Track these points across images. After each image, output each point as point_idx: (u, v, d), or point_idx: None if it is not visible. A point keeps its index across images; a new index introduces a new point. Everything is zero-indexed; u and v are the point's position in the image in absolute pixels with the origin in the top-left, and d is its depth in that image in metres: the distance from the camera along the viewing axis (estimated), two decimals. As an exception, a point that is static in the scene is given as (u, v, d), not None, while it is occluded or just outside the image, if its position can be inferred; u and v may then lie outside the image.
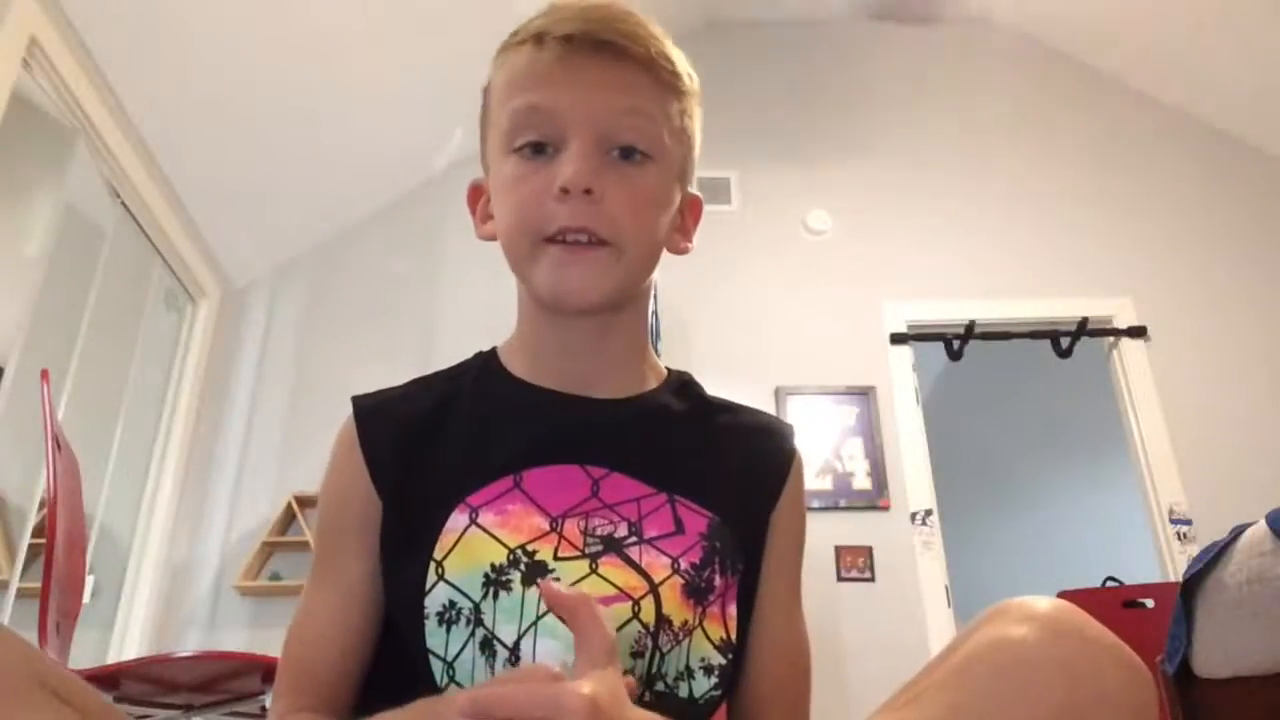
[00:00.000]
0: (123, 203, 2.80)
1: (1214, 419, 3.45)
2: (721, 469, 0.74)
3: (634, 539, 0.67)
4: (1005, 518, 5.76)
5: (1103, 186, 3.91)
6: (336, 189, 3.60)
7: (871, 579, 3.19)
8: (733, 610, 0.69)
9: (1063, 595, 2.06)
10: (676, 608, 0.65)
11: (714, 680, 0.67)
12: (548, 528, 0.66)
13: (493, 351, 0.80)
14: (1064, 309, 3.65)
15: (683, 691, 0.65)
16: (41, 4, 2.25)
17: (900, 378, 3.54)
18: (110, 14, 2.45)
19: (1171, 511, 3.29)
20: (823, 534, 3.24)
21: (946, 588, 3.20)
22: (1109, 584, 2.67)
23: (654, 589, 0.65)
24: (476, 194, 0.81)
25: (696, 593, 0.67)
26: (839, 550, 3.22)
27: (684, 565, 0.67)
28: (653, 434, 0.75)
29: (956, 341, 3.63)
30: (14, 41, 2.15)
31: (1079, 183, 3.91)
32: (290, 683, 0.70)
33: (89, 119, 2.50)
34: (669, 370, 0.82)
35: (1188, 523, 3.25)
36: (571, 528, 0.67)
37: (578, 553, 0.65)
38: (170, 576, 3.11)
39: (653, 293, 0.81)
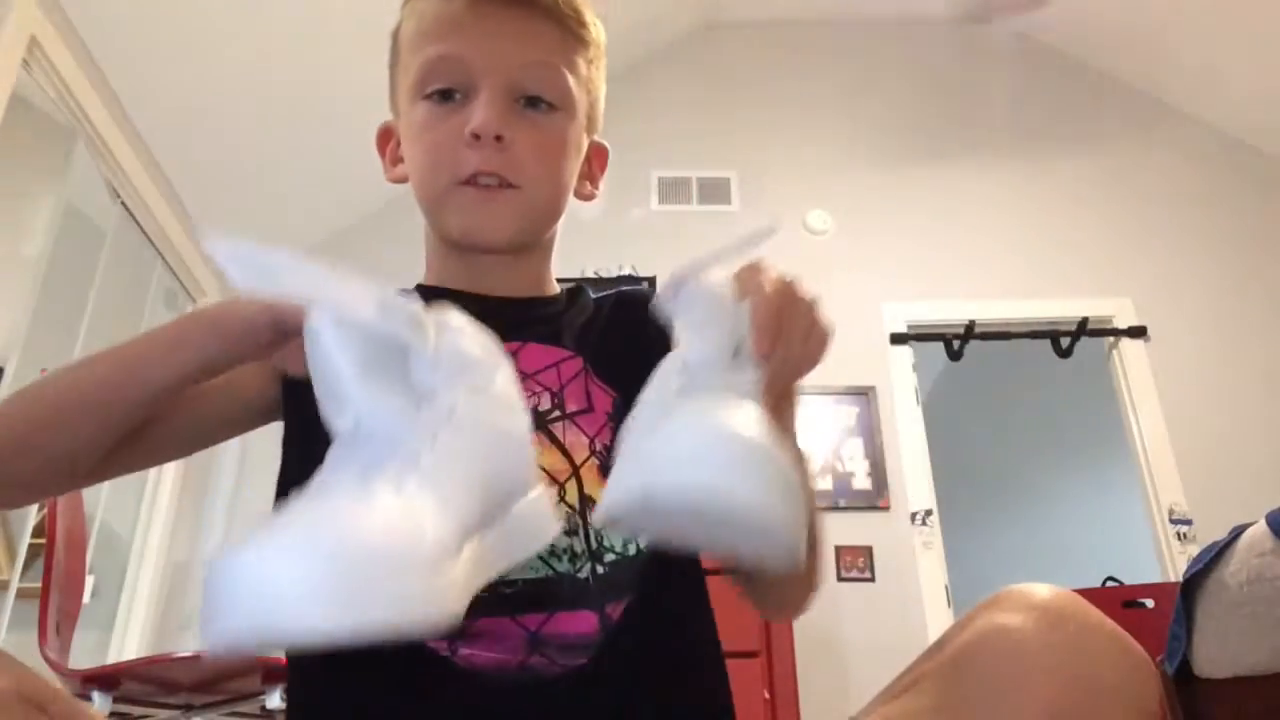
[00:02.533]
0: (123, 203, 2.80)
1: (1214, 419, 3.44)
2: (618, 343, 0.77)
3: (557, 413, 0.69)
4: (1005, 518, 5.75)
5: (1103, 187, 3.91)
6: (336, 189, 3.60)
7: (871, 579, 3.19)
8: None
9: (1063, 595, 2.06)
10: (597, 488, 0.66)
11: None
12: None
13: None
14: (1064, 309, 3.64)
15: (632, 550, 0.66)
16: (41, 4, 2.25)
17: (900, 378, 3.54)
18: (110, 14, 2.45)
19: (1171, 511, 3.28)
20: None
21: (946, 588, 3.20)
22: (1109, 584, 2.68)
23: (575, 471, 0.67)
24: (386, 136, 0.84)
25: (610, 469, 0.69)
26: (839, 550, 3.22)
27: (599, 446, 0.68)
28: (553, 316, 0.79)
29: (956, 341, 3.63)
30: (14, 41, 2.14)
31: (1079, 182, 3.91)
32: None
33: (89, 119, 2.49)
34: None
35: (1188, 523, 3.25)
36: None
37: None
38: (170, 576, 3.11)
39: (558, 238, 0.84)
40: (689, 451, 0.44)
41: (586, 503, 0.66)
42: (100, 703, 1.43)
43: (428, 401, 0.47)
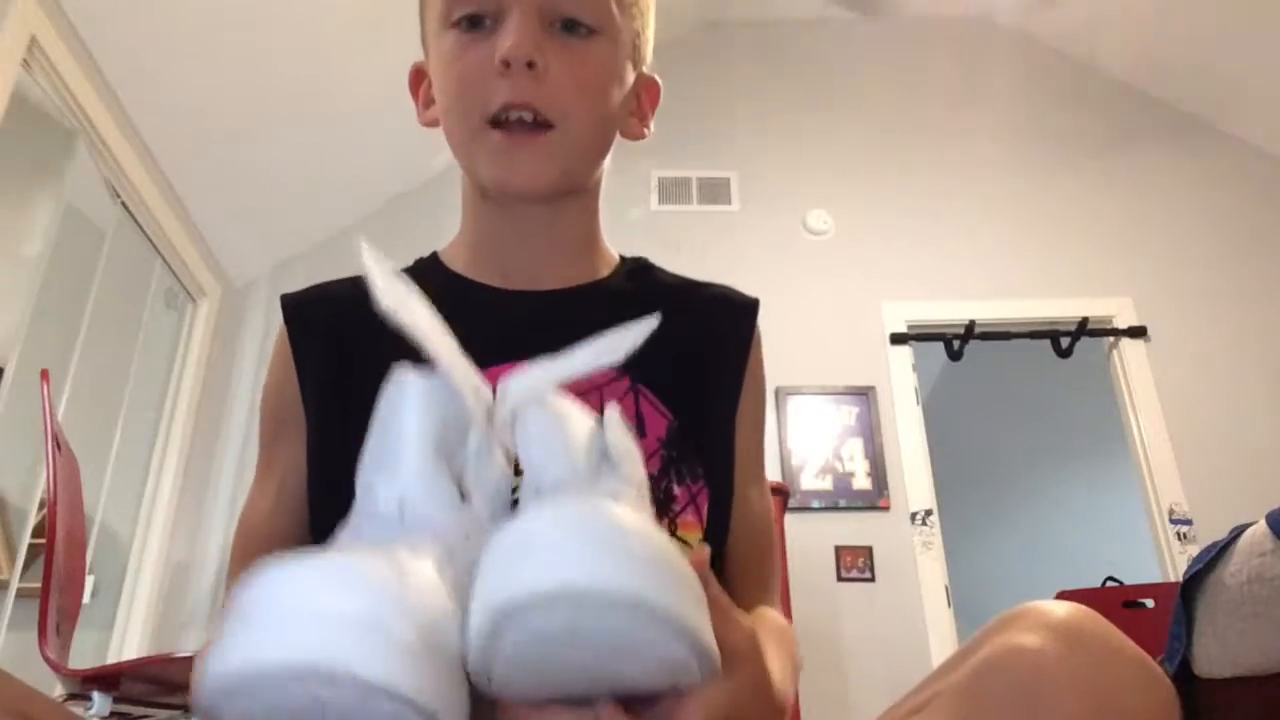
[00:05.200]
0: (123, 203, 2.80)
1: (1214, 419, 3.45)
2: (683, 356, 0.70)
3: None
4: (1005, 518, 5.76)
5: (1103, 187, 3.91)
6: (336, 189, 3.60)
7: (871, 579, 3.19)
8: (706, 510, 0.66)
9: (1062, 595, 2.06)
10: None
11: None
12: None
13: (433, 254, 0.78)
14: (1064, 309, 3.65)
15: None
16: (41, 4, 2.25)
17: (900, 378, 3.54)
18: (110, 14, 2.45)
19: (1171, 511, 3.28)
20: (823, 534, 3.24)
21: (946, 588, 3.20)
22: (1109, 584, 2.68)
23: None
24: (419, 77, 0.78)
25: (659, 505, 0.63)
26: (839, 550, 3.22)
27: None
28: (607, 321, 0.66)
29: (956, 341, 3.63)
30: (14, 41, 2.14)
31: (1079, 183, 3.91)
32: (238, 572, 0.71)
33: (89, 119, 2.49)
34: (623, 257, 0.78)
35: (1188, 523, 3.25)
36: None
37: None
38: (170, 576, 3.11)
39: (604, 181, 0.77)
40: (539, 558, 0.37)
41: None
42: (100, 703, 1.43)
43: (473, 493, 0.46)
